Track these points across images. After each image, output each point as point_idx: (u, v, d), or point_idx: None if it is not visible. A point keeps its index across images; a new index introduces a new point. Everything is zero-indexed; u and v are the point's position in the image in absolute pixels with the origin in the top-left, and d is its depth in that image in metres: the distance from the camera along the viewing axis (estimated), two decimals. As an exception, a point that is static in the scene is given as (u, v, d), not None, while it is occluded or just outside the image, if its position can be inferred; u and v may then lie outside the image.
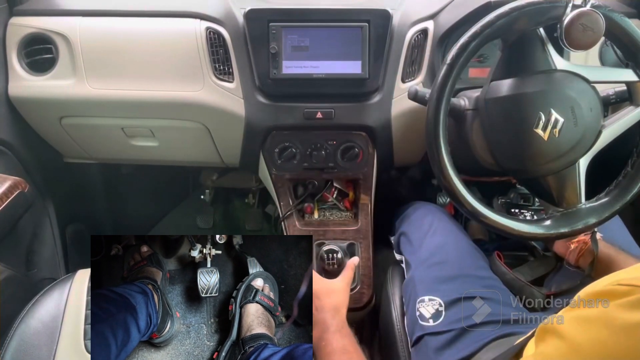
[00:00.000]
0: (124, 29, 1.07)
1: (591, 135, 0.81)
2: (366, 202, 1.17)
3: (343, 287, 0.85)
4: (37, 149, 1.23)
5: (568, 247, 0.93)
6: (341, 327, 0.77)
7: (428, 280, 0.90)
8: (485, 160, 0.89)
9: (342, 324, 0.78)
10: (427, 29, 1.05)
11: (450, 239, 0.98)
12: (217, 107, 1.07)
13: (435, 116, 0.80)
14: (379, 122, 1.09)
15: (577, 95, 0.79)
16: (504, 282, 0.91)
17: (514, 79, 0.82)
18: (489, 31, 0.77)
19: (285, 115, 1.08)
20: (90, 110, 1.13)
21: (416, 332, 0.86)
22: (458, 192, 0.80)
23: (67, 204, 1.37)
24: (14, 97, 1.10)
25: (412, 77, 1.07)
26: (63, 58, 1.07)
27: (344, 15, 1.02)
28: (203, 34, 1.04)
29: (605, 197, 0.83)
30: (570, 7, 0.75)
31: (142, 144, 1.22)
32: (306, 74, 1.03)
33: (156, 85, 1.06)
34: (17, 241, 1.16)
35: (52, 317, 0.80)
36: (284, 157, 1.13)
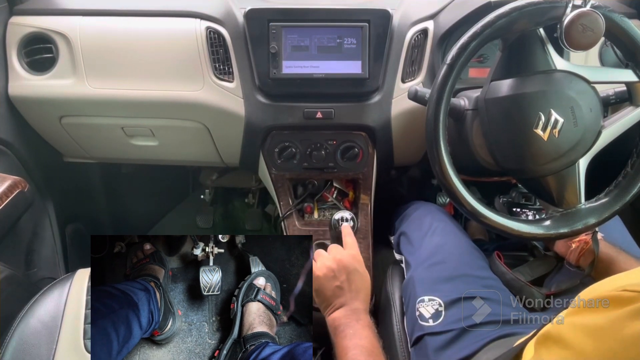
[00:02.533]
0: (124, 29, 1.07)
1: (591, 135, 0.81)
2: (366, 202, 1.17)
3: (368, 278, 0.82)
4: (37, 149, 1.23)
5: (569, 247, 0.93)
6: (371, 324, 0.75)
7: (428, 280, 0.90)
8: (485, 160, 0.90)
9: (370, 321, 0.75)
10: (427, 29, 1.06)
11: (450, 239, 0.98)
12: (217, 106, 1.07)
13: (435, 116, 0.80)
14: (379, 122, 1.09)
15: (577, 96, 0.79)
16: (504, 282, 0.91)
17: (514, 79, 0.82)
18: (489, 31, 0.77)
19: (285, 115, 1.08)
20: (90, 110, 1.13)
21: (416, 332, 0.86)
22: (458, 192, 0.81)
23: (66, 203, 1.37)
24: (14, 96, 1.10)
25: (412, 77, 1.07)
26: (63, 57, 1.07)
27: (344, 15, 1.02)
28: (203, 34, 1.04)
29: (605, 197, 0.84)
30: (570, 8, 0.75)
31: (142, 144, 1.22)
32: (306, 73, 1.03)
33: (156, 84, 1.06)
34: (16, 241, 1.16)
35: (51, 317, 0.80)
36: (284, 157, 1.13)
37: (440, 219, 1.03)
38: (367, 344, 0.70)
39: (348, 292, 0.78)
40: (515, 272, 0.94)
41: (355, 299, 0.77)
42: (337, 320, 0.75)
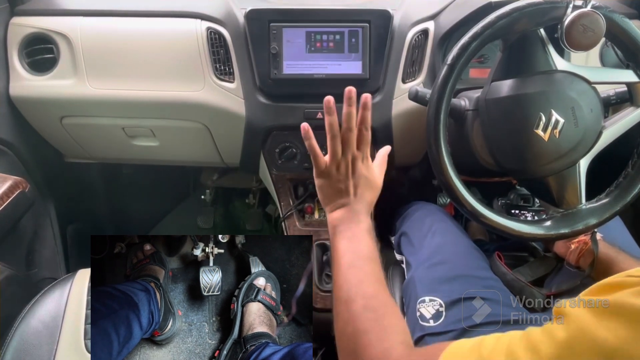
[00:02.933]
0: (125, 29, 1.07)
1: (591, 136, 0.81)
2: (366, 203, 1.17)
3: (380, 185, 0.78)
4: (38, 149, 1.23)
5: (568, 247, 0.93)
6: (371, 229, 0.72)
7: (428, 281, 0.90)
8: (486, 161, 0.90)
9: (371, 225, 0.72)
10: (427, 29, 1.06)
11: (451, 240, 0.98)
12: (217, 107, 1.07)
13: (435, 116, 0.80)
14: (380, 123, 1.09)
15: (577, 96, 0.79)
16: (504, 283, 0.91)
17: (515, 80, 0.82)
18: (489, 32, 0.77)
19: (286, 116, 1.08)
20: (91, 110, 1.13)
21: (416, 333, 0.86)
22: (458, 193, 0.81)
23: (67, 203, 1.37)
24: (15, 96, 1.11)
25: (412, 77, 1.07)
26: (64, 58, 1.08)
27: (344, 15, 1.02)
28: (204, 34, 1.04)
29: (606, 197, 0.84)
30: (570, 8, 0.75)
31: (143, 144, 1.22)
32: (307, 74, 1.03)
33: (157, 85, 1.07)
34: (17, 241, 1.16)
35: (52, 317, 0.80)
36: (285, 157, 1.13)
37: (441, 220, 1.03)
38: (363, 248, 0.68)
39: (352, 195, 0.74)
40: (515, 273, 0.94)
41: (359, 202, 0.73)
42: (337, 219, 0.72)
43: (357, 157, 0.74)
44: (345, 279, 0.65)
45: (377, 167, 0.79)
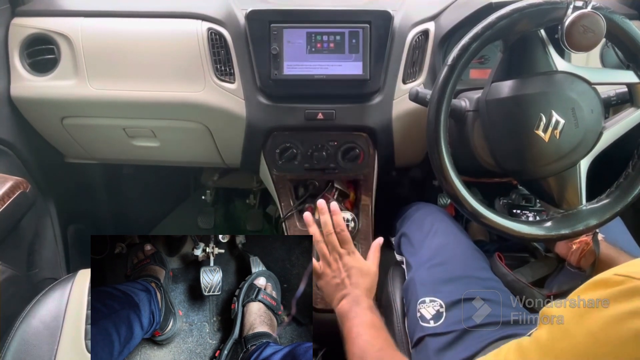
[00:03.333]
0: (126, 30, 1.08)
1: (592, 136, 0.81)
2: (367, 203, 1.17)
3: (375, 271, 0.87)
4: (39, 149, 1.23)
5: (569, 248, 0.93)
6: (372, 306, 0.80)
7: (429, 282, 0.90)
8: (486, 162, 0.90)
9: (372, 304, 0.81)
10: (428, 30, 1.06)
11: (451, 240, 0.98)
12: (218, 107, 1.07)
13: (436, 117, 0.80)
14: (380, 123, 1.09)
15: (578, 97, 0.79)
16: (505, 284, 0.91)
17: (515, 80, 0.82)
18: (490, 32, 0.77)
19: (287, 116, 1.08)
20: (91, 111, 1.13)
21: (417, 333, 0.86)
22: (459, 193, 0.81)
23: (68, 204, 1.37)
24: (16, 97, 1.11)
25: (413, 78, 1.07)
26: (65, 58, 1.08)
27: (345, 16, 1.02)
28: (204, 35, 1.04)
29: (606, 198, 0.84)
30: (571, 9, 0.75)
31: (144, 144, 1.22)
32: (307, 74, 1.03)
33: (158, 86, 1.07)
34: (18, 241, 1.16)
35: (53, 317, 0.80)
36: (285, 158, 1.13)
37: (441, 220, 1.03)
38: (368, 320, 0.76)
39: (349, 286, 0.83)
40: (516, 273, 0.94)
41: (356, 289, 0.82)
42: (342, 308, 0.80)
43: (342, 254, 0.86)
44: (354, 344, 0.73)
45: (371, 255, 0.89)
